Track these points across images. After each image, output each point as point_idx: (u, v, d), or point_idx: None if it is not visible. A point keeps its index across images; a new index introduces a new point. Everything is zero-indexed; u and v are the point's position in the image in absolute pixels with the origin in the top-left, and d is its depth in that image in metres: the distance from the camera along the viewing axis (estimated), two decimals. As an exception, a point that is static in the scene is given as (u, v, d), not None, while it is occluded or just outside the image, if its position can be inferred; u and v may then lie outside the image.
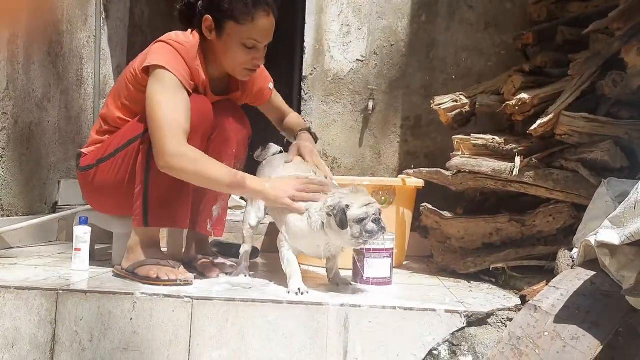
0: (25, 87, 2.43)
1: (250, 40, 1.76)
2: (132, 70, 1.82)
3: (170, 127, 1.65)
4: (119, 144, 1.83)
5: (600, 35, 1.98)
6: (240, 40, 1.76)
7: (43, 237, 2.56)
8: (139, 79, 1.78)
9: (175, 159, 1.65)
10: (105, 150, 1.86)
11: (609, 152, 1.78)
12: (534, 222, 1.96)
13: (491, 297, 1.73)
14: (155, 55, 1.73)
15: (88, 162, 1.90)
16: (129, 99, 1.84)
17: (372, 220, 1.61)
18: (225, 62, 1.82)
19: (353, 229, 1.60)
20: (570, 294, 1.32)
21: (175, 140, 1.65)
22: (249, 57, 1.79)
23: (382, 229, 1.62)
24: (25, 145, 2.46)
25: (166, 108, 1.67)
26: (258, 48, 1.79)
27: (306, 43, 2.81)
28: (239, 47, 1.77)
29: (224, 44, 1.78)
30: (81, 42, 2.88)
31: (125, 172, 1.81)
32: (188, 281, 1.71)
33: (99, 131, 1.93)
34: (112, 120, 1.89)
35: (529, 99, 1.96)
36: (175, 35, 1.80)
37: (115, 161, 1.83)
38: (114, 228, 2.03)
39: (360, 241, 1.62)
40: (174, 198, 1.77)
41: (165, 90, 1.69)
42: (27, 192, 2.51)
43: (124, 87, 1.85)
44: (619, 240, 1.15)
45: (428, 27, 2.75)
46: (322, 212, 1.65)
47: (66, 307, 1.57)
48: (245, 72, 1.84)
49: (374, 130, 2.78)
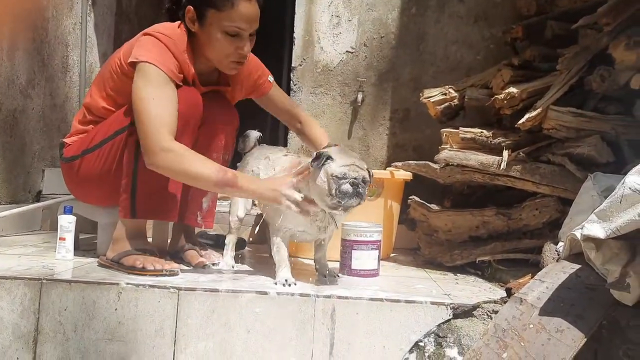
0: (9, 74, 2.39)
1: (232, 27, 1.71)
2: (117, 61, 1.79)
3: (155, 125, 1.62)
4: (105, 134, 1.80)
5: (588, 31, 1.99)
6: (221, 28, 1.71)
7: (26, 226, 2.52)
8: (124, 70, 1.75)
9: (161, 157, 1.61)
10: (90, 141, 1.83)
11: (595, 147, 1.79)
12: (520, 215, 1.97)
13: (477, 290, 1.74)
14: (141, 50, 1.70)
15: (72, 152, 1.88)
16: (114, 89, 1.81)
17: (350, 183, 1.57)
18: (210, 54, 1.78)
19: (330, 184, 1.57)
20: (556, 286, 1.33)
21: (160, 137, 1.61)
22: (233, 47, 1.74)
23: (357, 194, 1.57)
24: (8, 132, 2.42)
25: (151, 105, 1.64)
26: (242, 36, 1.74)
27: (296, 34, 2.79)
28: (222, 35, 1.72)
29: (207, 34, 1.74)
30: (67, 29, 2.84)
31: (112, 163, 1.79)
32: (174, 271, 1.70)
33: (82, 121, 1.90)
34: (97, 109, 1.86)
35: (517, 93, 1.96)
36: (163, 27, 1.77)
37: (102, 152, 1.81)
38: (99, 218, 2.01)
39: (334, 201, 1.57)
40: (162, 191, 1.75)
41: (151, 86, 1.66)
42: (11, 180, 2.47)
43: (109, 77, 1.82)
44: (605, 234, 1.16)
45: (418, 19, 2.75)
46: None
47: (50, 296, 1.55)
48: (231, 64, 1.79)
49: (363, 122, 2.77)
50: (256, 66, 2.00)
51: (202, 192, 1.93)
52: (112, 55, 1.87)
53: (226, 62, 1.78)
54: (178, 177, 1.68)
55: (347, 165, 1.58)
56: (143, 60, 1.67)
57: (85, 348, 1.52)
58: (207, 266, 1.88)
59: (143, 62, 1.67)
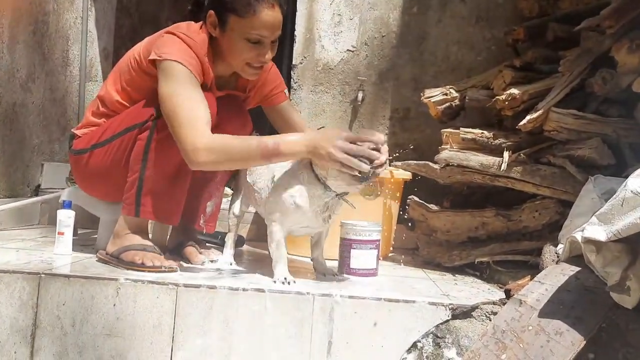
0: (10, 67, 2.38)
1: (254, 34, 1.68)
2: (135, 56, 1.77)
3: (190, 123, 1.59)
4: (115, 130, 1.79)
5: (591, 33, 1.99)
6: (243, 35, 1.68)
7: (25, 220, 2.52)
8: (143, 67, 1.74)
9: (203, 154, 1.58)
10: (101, 135, 1.82)
11: (596, 150, 1.79)
12: (519, 217, 1.97)
13: (476, 291, 1.74)
14: (166, 48, 1.67)
15: (82, 145, 1.86)
16: (130, 84, 1.80)
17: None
18: (231, 59, 1.75)
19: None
20: (555, 289, 1.33)
21: (198, 134, 1.58)
22: (254, 53, 1.70)
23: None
24: (8, 126, 2.42)
25: (184, 103, 1.61)
26: (263, 43, 1.70)
27: (297, 31, 2.79)
28: (243, 42, 1.69)
29: (227, 40, 1.71)
30: (68, 23, 2.83)
31: (120, 160, 1.77)
32: (173, 268, 1.70)
33: (95, 113, 1.89)
34: (111, 103, 1.84)
35: (519, 94, 1.96)
36: (187, 28, 1.74)
37: (110, 148, 1.79)
38: (101, 213, 2.00)
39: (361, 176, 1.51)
40: (167, 193, 1.74)
41: (180, 86, 1.63)
42: (10, 174, 2.46)
43: (126, 70, 1.80)
44: (606, 237, 1.16)
45: (420, 19, 2.74)
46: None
47: (48, 291, 1.54)
48: (251, 70, 1.75)
49: (363, 121, 2.77)
50: (275, 76, 1.97)
51: (208, 197, 1.94)
52: (131, 50, 1.84)
53: (246, 67, 1.75)
54: (224, 168, 1.69)
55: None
56: (168, 58, 1.65)
57: (83, 343, 1.52)
58: (206, 263, 1.88)
59: (168, 61, 1.64)
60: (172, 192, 1.75)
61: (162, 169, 1.71)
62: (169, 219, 1.81)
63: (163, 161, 1.71)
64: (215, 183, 1.94)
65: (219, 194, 1.98)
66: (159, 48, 1.68)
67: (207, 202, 1.93)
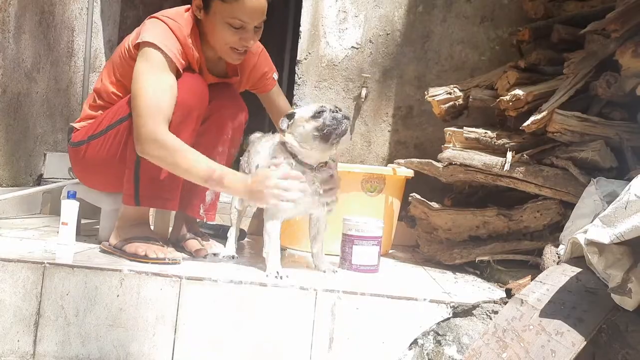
0: (15, 57, 2.38)
1: (236, 19, 1.71)
2: (126, 46, 1.79)
3: (150, 114, 1.62)
4: (110, 121, 1.81)
5: (595, 36, 2.00)
6: (225, 20, 1.71)
7: (27, 209, 2.52)
8: (132, 54, 1.76)
9: (153, 146, 1.62)
10: (97, 127, 1.84)
11: (599, 152, 1.80)
12: (521, 217, 1.99)
13: (476, 289, 1.75)
14: (146, 32, 1.70)
15: (80, 137, 1.88)
16: (123, 74, 1.81)
17: (330, 111, 1.60)
18: (214, 43, 1.78)
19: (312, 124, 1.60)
20: (556, 289, 1.34)
21: (154, 127, 1.62)
22: (236, 38, 1.74)
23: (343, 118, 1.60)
24: (12, 115, 2.42)
25: (149, 91, 1.64)
26: (246, 28, 1.73)
27: (302, 27, 2.79)
28: (225, 26, 1.72)
29: (210, 23, 1.75)
30: (73, 14, 2.82)
31: (117, 149, 1.79)
32: (176, 260, 1.71)
33: (93, 105, 1.90)
34: (107, 95, 1.86)
35: (523, 95, 1.97)
36: (169, 11, 1.77)
37: (107, 138, 1.81)
38: (102, 204, 2.01)
39: (322, 135, 1.59)
40: (165, 179, 1.76)
41: (151, 71, 1.66)
42: (13, 163, 2.46)
43: (119, 62, 1.82)
44: (609, 239, 1.17)
45: (424, 18, 2.75)
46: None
47: (52, 281, 1.55)
48: (234, 53, 1.78)
49: (366, 118, 2.78)
50: (265, 60, 2.01)
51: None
52: (123, 41, 1.86)
53: (227, 50, 1.78)
54: (168, 168, 1.68)
55: (316, 104, 1.63)
56: (147, 41, 1.68)
57: (86, 333, 1.53)
58: (209, 256, 1.89)
59: (146, 45, 1.68)
60: (169, 177, 1.76)
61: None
62: (169, 204, 1.82)
63: None
64: None
65: None
66: (142, 33, 1.72)
67: (206, 192, 1.94)
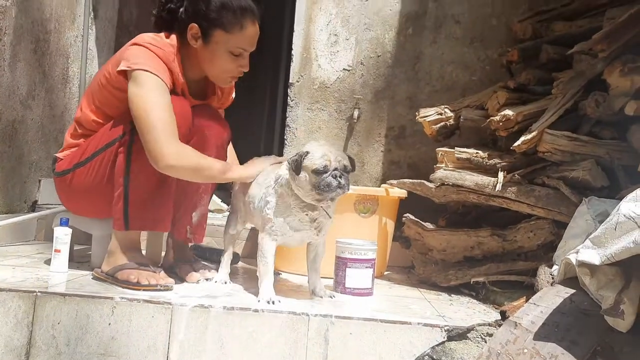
0: (10, 84, 2.39)
1: (238, 48, 1.79)
2: (105, 74, 1.80)
3: (164, 128, 1.65)
4: (95, 147, 1.81)
5: (583, 56, 2.01)
6: (228, 49, 1.78)
7: (21, 236, 2.51)
8: (113, 82, 1.76)
9: (176, 158, 1.65)
10: (81, 155, 1.84)
11: (590, 171, 1.81)
12: (515, 237, 1.98)
13: (471, 312, 1.75)
14: (135, 58, 1.71)
15: (64, 166, 1.88)
16: (103, 102, 1.82)
17: (332, 176, 1.58)
18: (210, 69, 1.83)
19: (312, 179, 1.59)
20: (550, 311, 1.34)
21: (171, 140, 1.65)
22: (235, 65, 1.81)
23: (340, 186, 1.59)
24: (7, 142, 2.42)
25: (157, 109, 1.66)
26: (244, 56, 1.82)
27: (294, 51, 2.82)
28: (227, 55, 1.79)
29: (210, 52, 1.79)
30: (68, 41, 2.85)
31: (103, 175, 1.79)
32: (168, 287, 1.70)
33: (74, 134, 1.92)
34: (87, 123, 1.87)
35: (513, 115, 1.98)
36: (150, 37, 1.78)
37: (93, 165, 1.81)
38: (93, 230, 2.00)
39: (315, 193, 1.59)
40: (154, 201, 1.76)
41: (151, 92, 1.68)
42: (7, 189, 2.46)
43: (97, 90, 1.84)
44: (600, 261, 1.17)
45: (415, 39, 2.78)
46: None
47: (44, 310, 1.54)
48: (229, 79, 1.87)
49: (359, 138, 2.79)
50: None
51: (192, 207, 1.94)
52: (100, 70, 1.89)
53: (224, 76, 1.85)
54: (190, 172, 1.72)
55: (325, 155, 1.60)
56: (138, 68, 1.69)
57: (78, 363, 1.51)
58: (201, 281, 1.88)
59: (138, 70, 1.68)
60: (159, 198, 1.77)
61: (146, 176, 1.73)
62: (159, 225, 1.82)
63: (146, 169, 1.72)
64: (198, 193, 1.95)
65: (204, 202, 1.99)
66: (128, 59, 1.71)
67: (192, 213, 1.94)
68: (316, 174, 1.58)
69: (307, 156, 1.60)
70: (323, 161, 1.59)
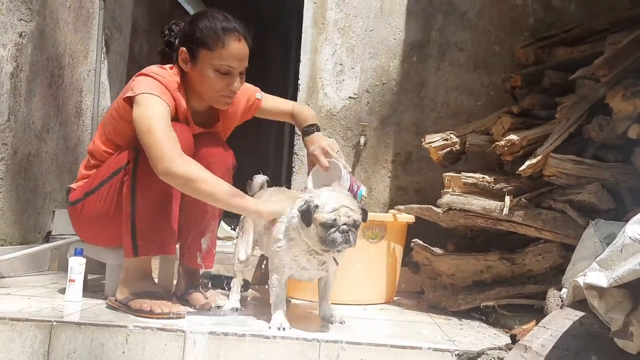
0: (26, 119, 2.46)
1: (223, 65, 1.81)
2: (115, 105, 1.88)
3: (169, 140, 1.67)
4: (103, 176, 1.87)
5: (586, 81, 2.05)
6: (213, 67, 1.81)
7: (35, 267, 2.55)
8: (121, 111, 1.83)
9: (178, 163, 1.65)
10: (91, 184, 1.90)
11: (596, 194, 1.83)
12: (523, 260, 1.99)
13: (482, 336, 1.75)
14: (139, 86, 1.77)
15: (76, 196, 1.94)
16: (114, 131, 1.89)
17: (340, 231, 1.57)
18: (203, 91, 1.86)
19: (319, 231, 1.58)
20: (560, 334, 1.34)
21: (177, 150, 1.67)
22: (224, 83, 1.83)
23: (347, 241, 1.57)
24: (22, 175, 2.48)
25: (161, 123, 1.70)
26: (232, 74, 1.84)
27: (300, 80, 2.88)
28: (213, 73, 1.82)
29: (199, 72, 1.84)
30: (81, 76, 2.93)
31: (111, 203, 1.84)
32: (181, 314, 1.72)
33: (87, 166, 1.98)
34: (99, 154, 1.93)
35: (517, 140, 2.01)
36: (156, 68, 1.86)
37: (101, 193, 1.87)
38: (106, 259, 2.04)
39: (323, 247, 1.60)
40: (159, 224, 1.80)
41: (155, 111, 1.72)
42: (22, 221, 2.51)
43: (108, 121, 1.91)
44: (607, 283, 1.19)
45: (419, 67, 2.83)
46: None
47: (59, 339, 1.56)
48: (222, 99, 1.87)
49: (366, 165, 2.83)
50: (244, 92, 2.06)
51: (201, 233, 1.97)
52: (112, 103, 1.95)
53: (217, 97, 1.87)
54: (190, 184, 1.67)
55: (335, 209, 1.58)
56: (141, 92, 1.74)
57: (92, 392, 1.53)
58: (213, 308, 1.89)
59: (141, 94, 1.74)
60: (164, 222, 1.80)
61: (150, 200, 1.77)
62: (167, 250, 1.84)
63: (150, 192, 1.76)
64: (206, 219, 1.98)
65: (212, 228, 2.02)
66: (133, 88, 1.78)
67: (201, 239, 1.97)
68: (324, 228, 1.57)
69: (317, 209, 1.59)
70: (332, 215, 1.57)
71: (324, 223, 1.57)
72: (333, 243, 1.58)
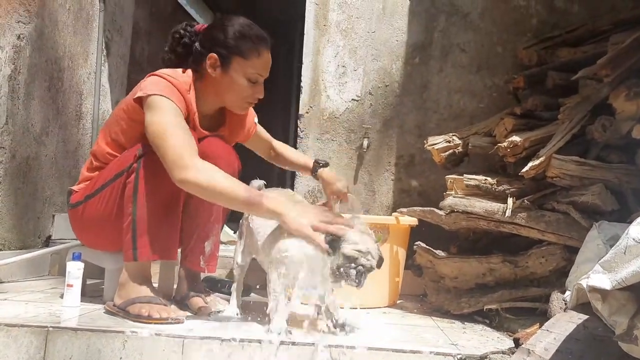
0: (25, 122, 2.46)
1: (255, 74, 1.84)
2: (124, 106, 1.86)
3: (183, 144, 1.67)
4: (105, 179, 1.85)
5: (588, 81, 2.03)
6: (246, 75, 1.83)
7: (35, 271, 2.54)
8: (130, 112, 1.82)
9: (193, 171, 1.63)
10: (93, 186, 1.88)
11: (599, 196, 1.80)
12: (526, 263, 1.97)
13: (485, 339, 1.72)
14: (151, 86, 1.76)
15: (77, 198, 1.92)
16: (121, 132, 1.87)
17: (357, 270, 1.58)
18: (229, 97, 1.87)
19: (340, 260, 1.58)
20: (563, 337, 1.32)
21: (191, 153, 1.66)
22: (252, 91, 1.86)
23: (358, 281, 1.58)
24: (21, 179, 2.47)
25: (175, 127, 1.70)
26: (260, 82, 1.87)
27: (303, 83, 2.87)
28: (244, 81, 1.84)
29: (229, 79, 1.83)
30: (81, 79, 2.92)
31: (113, 206, 1.82)
32: (179, 320, 1.70)
33: (90, 168, 1.96)
34: (102, 156, 1.91)
35: (520, 141, 1.99)
36: (167, 70, 1.84)
37: (103, 196, 1.85)
38: (105, 264, 2.02)
39: (336, 274, 1.59)
40: (161, 229, 1.78)
41: (168, 115, 1.72)
42: (22, 225, 2.50)
43: (114, 122, 1.89)
44: (610, 285, 1.16)
45: (422, 69, 2.82)
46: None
47: (55, 345, 1.54)
48: (245, 105, 1.90)
49: (369, 167, 2.81)
50: (251, 114, 2.09)
51: (204, 237, 1.95)
52: (118, 104, 1.94)
53: (241, 103, 1.89)
54: (207, 191, 1.64)
55: (361, 251, 1.59)
56: (152, 93, 1.73)
57: (89, 398, 1.51)
58: (213, 313, 1.87)
59: (153, 95, 1.73)
60: (166, 227, 1.78)
61: (153, 203, 1.75)
62: (168, 255, 1.83)
63: (153, 196, 1.74)
64: (210, 222, 1.97)
65: (216, 232, 2.00)
66: (144, 88, 1.77)
67: (204, 242, 1.95)
68: (346, 259, 1.58)
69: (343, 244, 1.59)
70: (356, 254, 1.59)
71: (349, 256, 1.58)
72: (347, 276, 1.59)
